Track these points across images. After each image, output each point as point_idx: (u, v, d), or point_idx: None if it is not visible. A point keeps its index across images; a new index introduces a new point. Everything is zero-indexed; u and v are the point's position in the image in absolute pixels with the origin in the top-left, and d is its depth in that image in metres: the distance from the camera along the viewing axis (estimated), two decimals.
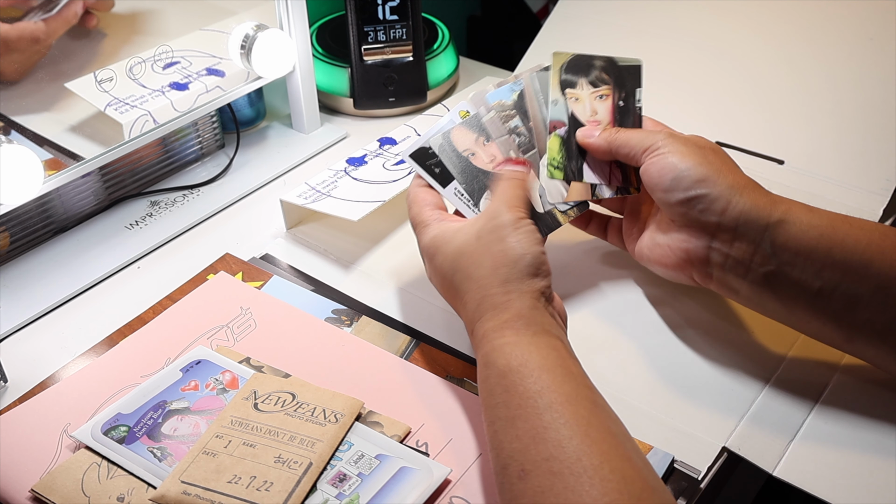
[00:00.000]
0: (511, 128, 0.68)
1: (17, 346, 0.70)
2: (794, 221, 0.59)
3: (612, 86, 0.70)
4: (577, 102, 0.69)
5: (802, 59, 0.91)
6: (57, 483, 0.56)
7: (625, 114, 0.70)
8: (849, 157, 0.85)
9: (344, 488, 0.55)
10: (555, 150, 0.68)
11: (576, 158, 0.68)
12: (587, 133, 0.68)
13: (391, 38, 0.96)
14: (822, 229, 0.59)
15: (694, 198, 0.61)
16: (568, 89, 0.69)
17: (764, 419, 0.62)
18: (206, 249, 0.80)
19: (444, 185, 0.65)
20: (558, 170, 0.68)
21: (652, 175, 0.63)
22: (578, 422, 0.50)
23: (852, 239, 0.58)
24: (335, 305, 0.72)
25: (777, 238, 0.59)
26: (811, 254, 0.59)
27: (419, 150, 0.65)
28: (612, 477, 0.47)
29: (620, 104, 0.70)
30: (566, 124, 0.68)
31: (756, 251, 0.60)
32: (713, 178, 0.61)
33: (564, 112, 0.69)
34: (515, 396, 0.52)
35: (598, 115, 0.69)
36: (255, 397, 0.61)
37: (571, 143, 0.68)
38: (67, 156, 0.78)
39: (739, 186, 0.61)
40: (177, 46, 0.85)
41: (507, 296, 0.57)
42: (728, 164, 0.63)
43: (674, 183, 0.62)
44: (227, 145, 0.93)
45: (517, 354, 0.54)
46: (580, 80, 0.70)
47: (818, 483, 0.57)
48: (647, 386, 0.65)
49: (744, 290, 0.62)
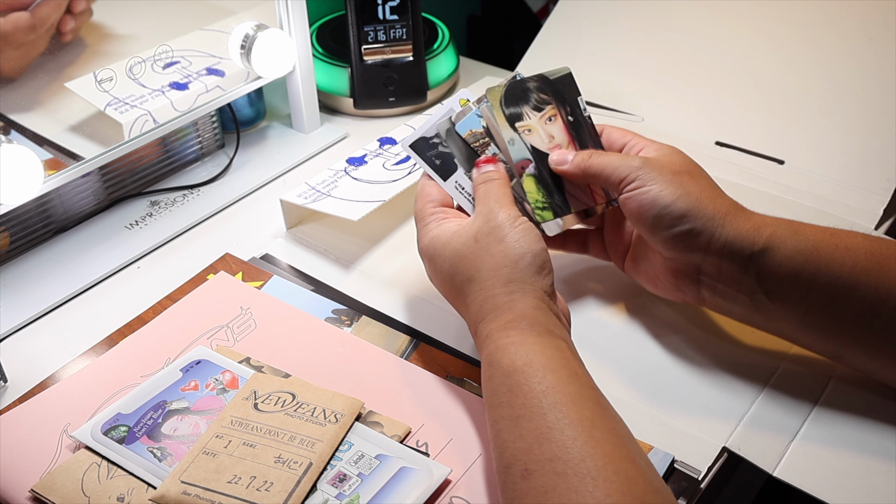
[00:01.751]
0: (491, 153, 0.66)
1: (17, 346, 0.70)
2: (778, 248, 0.59)
3: (554, 103, 0.68)
4: (532, 134, 0.66)
5: (803, 58, 0.91)
6: (57, 483, 0.56)
7: (578, 127, 0.68)
8: (849, 157, 0.85)
9: (344, 488, 0.55)
10: (533, 190, 0.65)
11: (556, 192, 0.66)
12: (559, 160, 0.65)
13: (391, 37, 0.96)
14: (806, 254, 0.58)
15: (677, 235, 0.60)
16: (517, 123, 0.66)
17: (764, 419, 0.62)
18: (205, 249, 0.80)
19: (445, 178, 0.65)
20: (546, 210, 0.65)
21: (632, 211, 0.62)
22: (583, 422, 0.50)
23: (837, 263, 0.58)
24: (335, 305, 0.72)
25: (762, 267, 0.59)
26: (796, 279, 0.59)
27: (419, 139, 0.65)
28: (616, 478, 0.47)
29: (570, 119, 0.68)
30: (532, 160, 0.66)
31: (743, 278, 0.60)
32: (694, 211, 0.60)
33: (525, 149, 0.66)
34: (520, 396, 0.52)
35: (555, 139, 0.67)
36: (255, 397, 0.61)
37: (545, 178, 0.66)
38: (67, 156, 0.78)
39: (721, 215, 0.60)
40: (177, 46, 0.85)
41: (511, 296, 0.57)
42: (706, 190, 0.61)
43: (656, 220, 0.60)
44: (227, 145, 0.93)
45: (522, 354, 0.54)
46: (524, 109, 0.67)
47: (818, 483, 0.57)
48: (647, 386, 0.65)
49: (735, 312, 0.63)
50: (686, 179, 0.61)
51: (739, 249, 0.59)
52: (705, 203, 0.60)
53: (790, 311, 0.60)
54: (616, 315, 0.71)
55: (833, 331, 0.60)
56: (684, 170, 0.62)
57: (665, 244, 0.61)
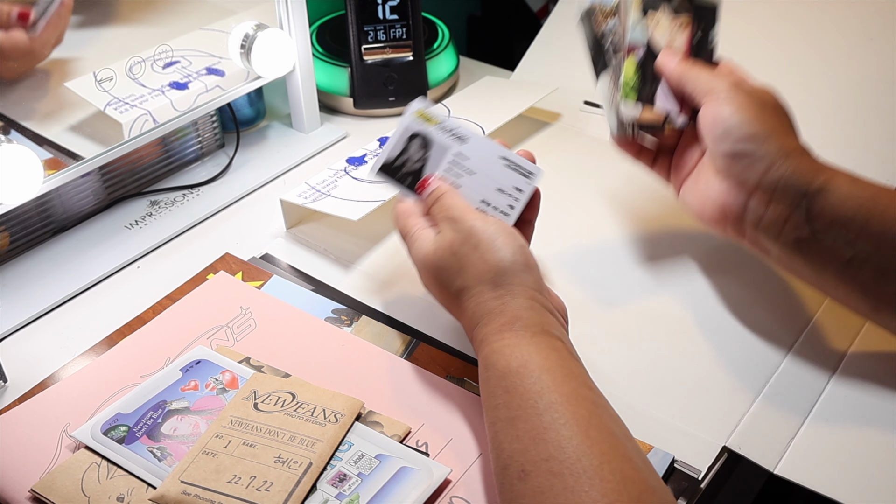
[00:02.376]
0: (609, 28, 0.70)
1: (17, 346, 0.70)
2: (834, 191, 0.59)
3: (692, 18, 0.70)
4: (658, 27, 0.69)
5: (803, 59, 0.91)
6: (57, 483, 0.56)
7: (700, 49, 0.70)
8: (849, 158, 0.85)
9: (344, 488, 0.55)
10: (630, 73, 0.68)
11: (650, 84, 0.69)
12: (666, 59, 0.68)
13: (391, 37, 0.96)
14: (862, 200, 0.59)
15: (739, 153, 0.62)
16: (650, 10, 0.69)
17: (764, 418, 0.62)
18: (205, 249, 0.80)
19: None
20: (633, 91, 0.68)
21: (705, 121, 0.64)
22: (578, 422, 0.50)
23: (891, 214, 0.58)
24: (335, 305, 0.72)
25: (814, 206, 0.60)
26: (847, 223, 0.59)
27: (385, 164, 0.65)
28: (612, 478, 0.47)
29: (698, 38, 0.70)
30: (644, 48, 0.69)
31: (791, 216, 0.61)
32: (762, 137, 0.61)
33: (643, 35, 0.69)
34: (516, 397, 0.52)
35: (676, 43, 0.69)
36: (254, 397, 0.61)
37: (647, 68, 0.69)
38: (67, 155, 0.78)
39: (786, 150, 0.61)
40: (177, 46, 0.85)
41: (501, 300, 0.57)
42: (783, 126, 0.63)
43: (723, 134, 0.62)
44: (226, 145, 0.93)
45: (517, 356, 0.54)
46: (663, 5, 0.69)
47: (819, 480, 0.57)
48: (647, 385, 0.65)
49: (774, 251, 0.63)
50: (766, 111, 0.63)
51: (795, 185, 0.60)
52: (776, 134, 0.62)
53: (833, 257, 0.60)
54: (616, 315, 0.71)
55: (873, 285, 0.59)
56: (769, 104, 0.64)
57: (725, 161, 0.63)
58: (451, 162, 0.64)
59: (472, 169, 0.64)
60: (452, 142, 0.65)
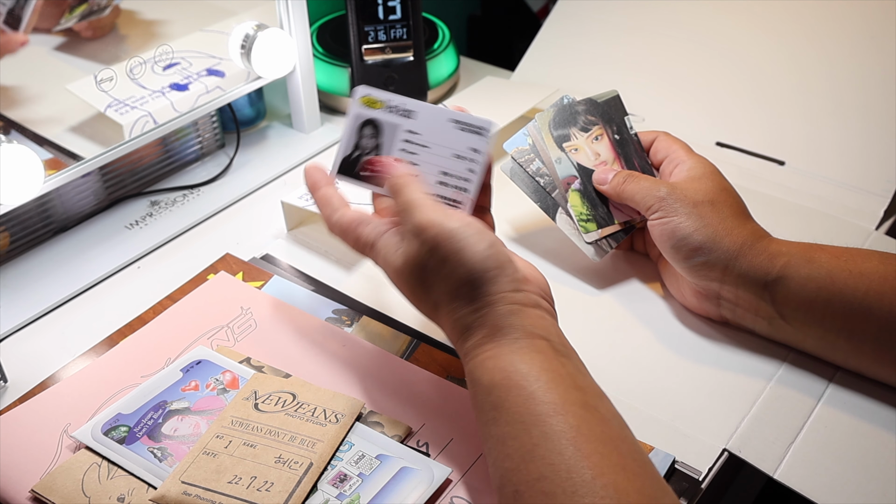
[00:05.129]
0: (534, 170, 0.72)
1: (17, 346, 0.70)
2: (791, 277, 0.62)
3: (601, 123, 0.73)
4: (578, 152, 0.72)
5: (803, 58, 0.91)
6: (57, 483, 0.56)
7: (624, 145, 0.73)
8: (850, 158, 0.85)
9: (344, 488, 0.55)
10: (578, 204, 0.71)
11: (600, 205, 0.72)
12: (600, 180, 0.71)
13: (391, 37, 0.96)
14: (819, 282, 0.61)
15: (695, 264, 0.65)
16: (565, 144, 0.72)
17: (765, 421, 0.62)
18: (206, 249, 0.80)
19: None
20: (590, 222, 0.71)
21: (655, 237, 0.67)
22: (567, 433, 0.49)
23: (850, 289, 0.60)
24: (336, 305, 0.72)
25: (777, 295, 0.63)
26: (811, 305, 0.62)
27: (342, 163, 0.62)
28: (604, 492, 0.46)
29: (616, 138, 0.73)
30: (578, 177, 0.71)
31: (759, 304, 0.64)
32: (710, 243, 0.64)
33: (571, 166, 0.71)
34: (504, 413, 0.51)
35: (601, 156, 0.72)
36: (255, 397, 0.61)
37: (590, 192, 0.71)
38: (67, 156, 0.78)
39: (736, 249, 0.63)
40: (177, 47, 0.85)
41: (478, 313, 0.55)
42: (725, 221, 0.65)
43: (675, 249, 0.65)
44: (227, 145, 0.93)
45: (500, 368, 0.52)
46: (571, 131, 0.72)
47: (817, 487, 0.57)
48: (647, 387, 0.65)
49: (757, 330, 0.67)
50: (707, 210, 0.65)
51: (754, 280, 0.63)
52: (722, 236, 0.64)
53: (808, 333, 0.63)
54: (617, 316, 0.71)
55: (852, 349, 0.62)
56: (708, 199, 0.66)
57: (684, 271, 0.66)
58: (403, 140, 0.61)
59: (425, 142, 0.61)
60: (401, 119, 0.61)
